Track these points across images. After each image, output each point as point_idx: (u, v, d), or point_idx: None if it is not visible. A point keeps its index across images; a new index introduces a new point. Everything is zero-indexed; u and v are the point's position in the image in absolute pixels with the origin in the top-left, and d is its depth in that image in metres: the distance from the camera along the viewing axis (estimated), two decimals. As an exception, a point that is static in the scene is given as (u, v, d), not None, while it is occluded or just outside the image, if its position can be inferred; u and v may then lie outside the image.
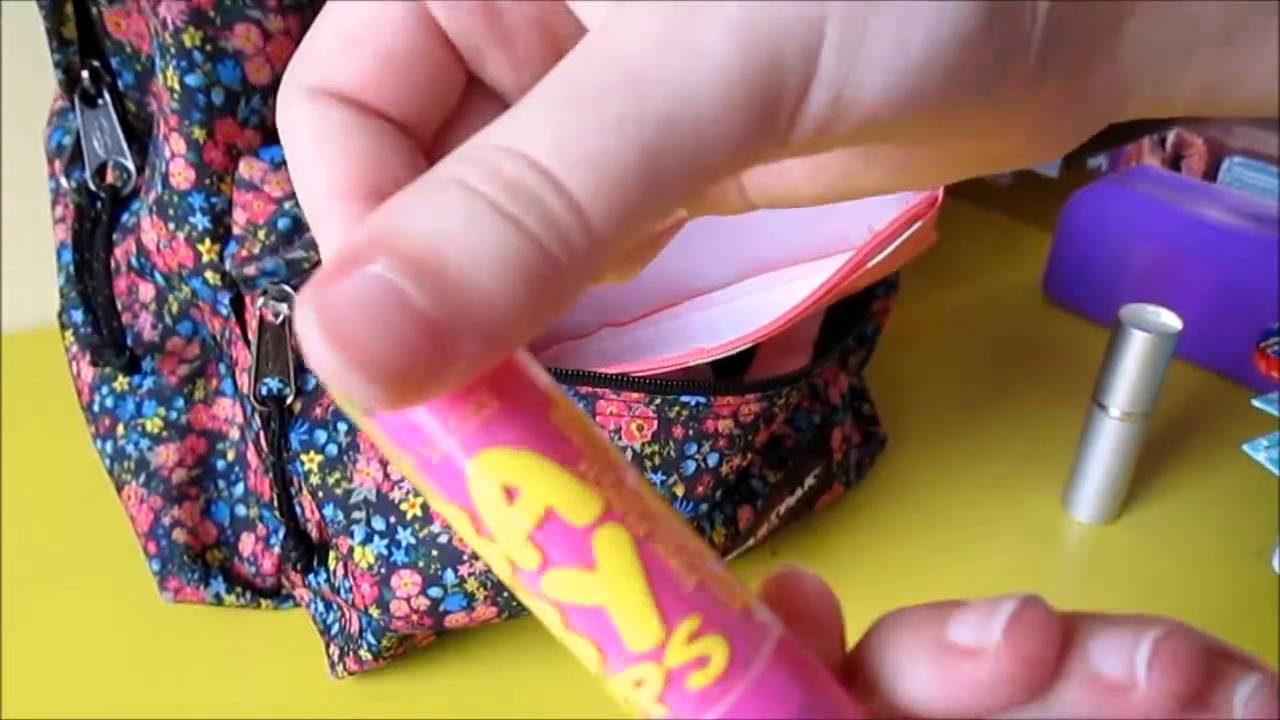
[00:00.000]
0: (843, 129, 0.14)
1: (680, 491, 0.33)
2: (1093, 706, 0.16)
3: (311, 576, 0.36)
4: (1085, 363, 0.58)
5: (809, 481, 0.41)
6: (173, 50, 0.31)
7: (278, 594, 0.39)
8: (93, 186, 0.36)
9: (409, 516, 0.33)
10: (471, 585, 0.33)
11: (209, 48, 0.31)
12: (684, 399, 0.31)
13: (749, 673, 0.15)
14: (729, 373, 0.41)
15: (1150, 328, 0.41)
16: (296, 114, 0.15)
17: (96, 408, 0.39)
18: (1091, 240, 0.61)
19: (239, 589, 0.39)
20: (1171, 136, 0.66)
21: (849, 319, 0.43)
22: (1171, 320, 0.42)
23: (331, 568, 0.35)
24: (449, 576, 0.33)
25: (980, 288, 0.66)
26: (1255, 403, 0.41)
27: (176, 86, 0.31)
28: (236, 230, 0.32)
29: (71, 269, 0.38)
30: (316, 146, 0.15)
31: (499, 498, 0.14)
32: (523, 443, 0.14)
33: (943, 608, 0.17)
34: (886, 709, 0.16)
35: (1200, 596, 0.42)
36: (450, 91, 0.16)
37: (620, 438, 0.32)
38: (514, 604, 0.34)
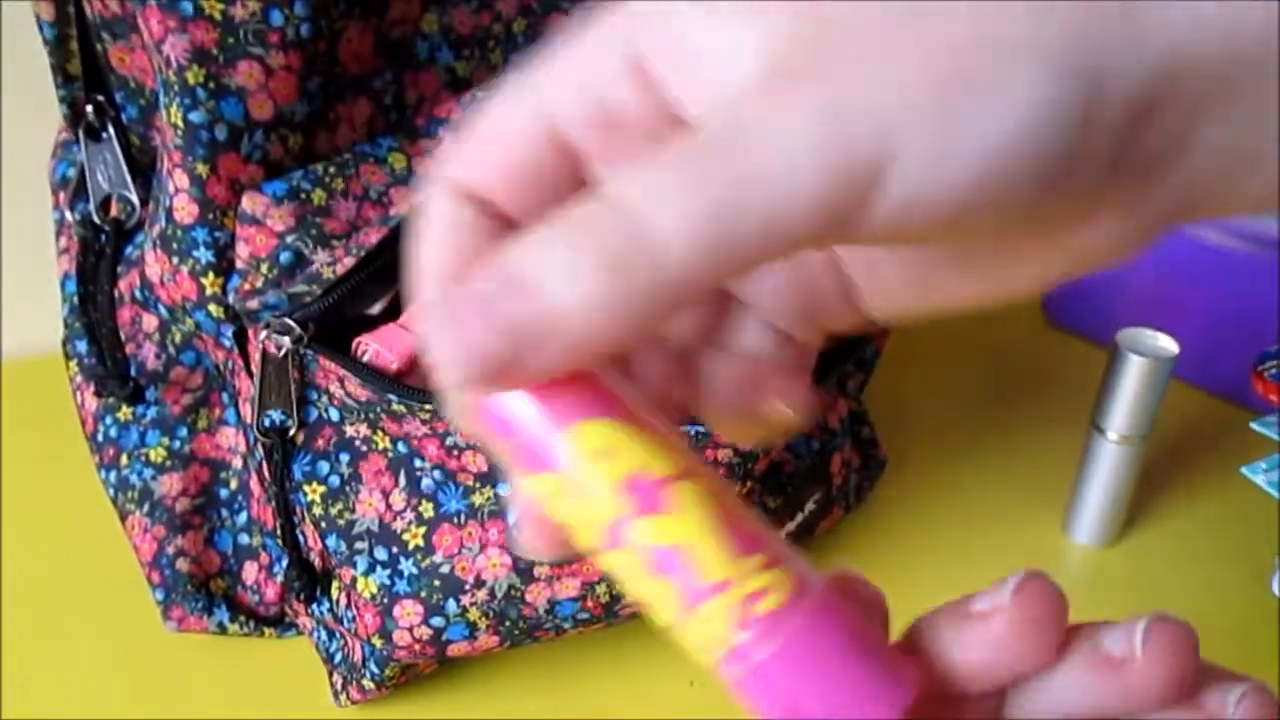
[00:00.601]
0: (911, 225, 0.15)
1: (680, 521, 0.33)
2: (1095, 682, 0.19)
3: (314, 606, 0.37)
4: (1085, 385, 0.58)
5: (809, 507, 0.41)
6: (176, 87, 0.31)
7: (281, 623, 0.39)
8: (97, 219, 0.37)
9: (411, 546, 0.34)
10: (473, 615, 0.34)
11: (212, 85, 0.31)
12: (684, 429, 0.32)
13: (811, 600, 0.17)
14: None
15: (1147, 351, 0.41)
16: (434, 205, 0.18)
17: (101, 438, 0.39)
18: (1090, 261, 0.61)
19: (242, 618, 0.39)
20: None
21: (848, 343, 0.43)
22: (1168, 344, 0.42)
23: (334, 597, 0.36)
24: (451, 606, 0.33)
25: (981, 309, 0.66)
26: (1254, 426, 0.41)
27: (180, 123, 0.31)
28: (239, 264, 0.32)
29: (76, 300, 0.39)
30: (441, 235, 0.18)
31: (591, 459, 0.16)
32: (611, 415, 0.17)
33: (968, 596, 0.20)
34: (925, 675, 0.19)
35: (1200, 619, 0.42)
36: (568, 190, 0.18)
37: None
38: (516, 633, 0.35)
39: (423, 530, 0.34)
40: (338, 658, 0.37)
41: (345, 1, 0.32)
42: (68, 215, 0.38)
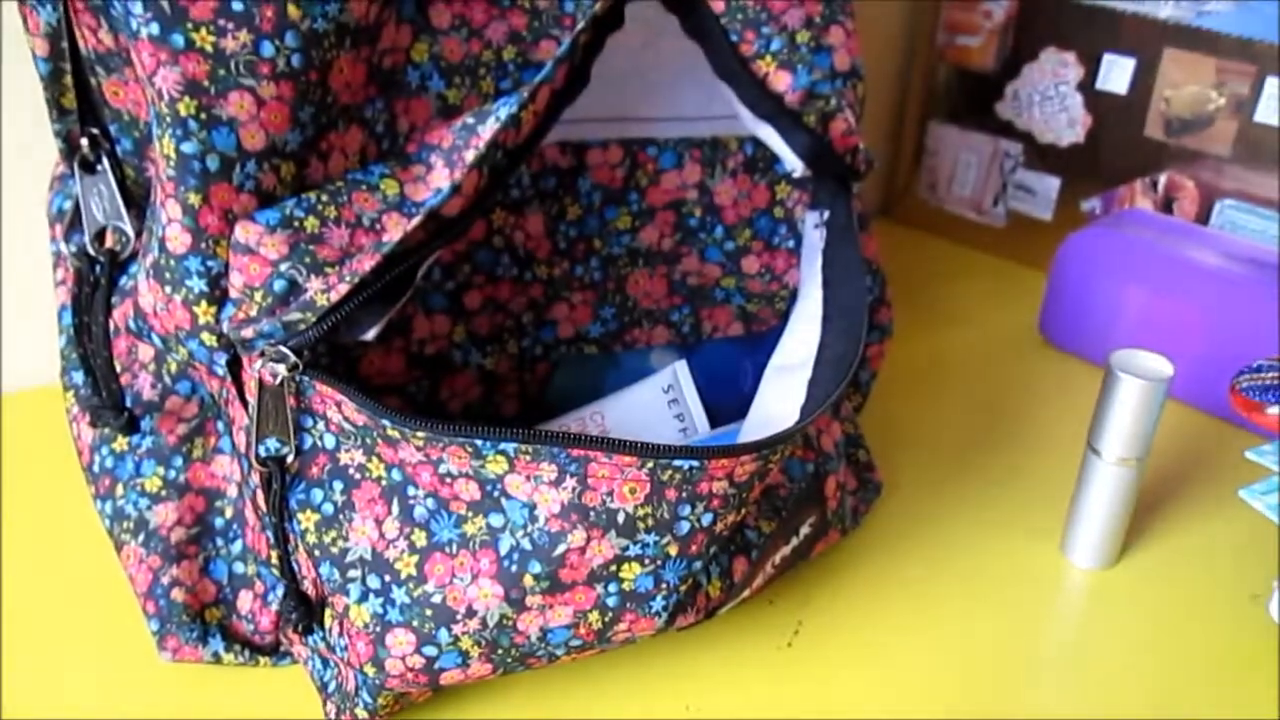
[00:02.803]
0: None
1: (674, 551, 0.33)
2: None
3: (309, 635, 0.36)
4: (1082, 405, 0.58)
5: (804, 530, 0.41)
6: (168, 119, 0.31)
7: (276, 651, 0.39)
8: (91, 251, 0.37)
9: (403, 575, 0.33)
10: (466, 643, 0.33)
11: (204, 116, 0.31)
12: (677, 463, 0.31)
13: None
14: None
15: (1142, 373, 0.41)
16: None
17: (96, 468, 0.39)
18: (1085, 284, 0.61)
19: (237, 647, 0.39)
20: (1164, 179, 0.66)
21: (843, 366, 0.43)
22: (1163, 365, 0.42)
23: (328, 626, 0.35)
24: (443, 635, 0.33)
25: (975, 330, 0.66)
26: (1249, 455, 0.41)
27: (172, 154, 0.31)
28: (233, 293, 0.33)
29: (72, 331, 0.39)
30: None
31: None
32: None
33: None
34: None
35: (1199, 642, 0.42)
36: None
37: (613, 499, 0.32)
38: (509, 661, 0.34)
39: (415, 559, 0.34)
40: (331, 686, 0.37)
41: (336, 32, 0.32)
42: (63, 247, 0.39)
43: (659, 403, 0.44)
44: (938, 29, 0.75)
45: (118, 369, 0.38)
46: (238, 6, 0.30)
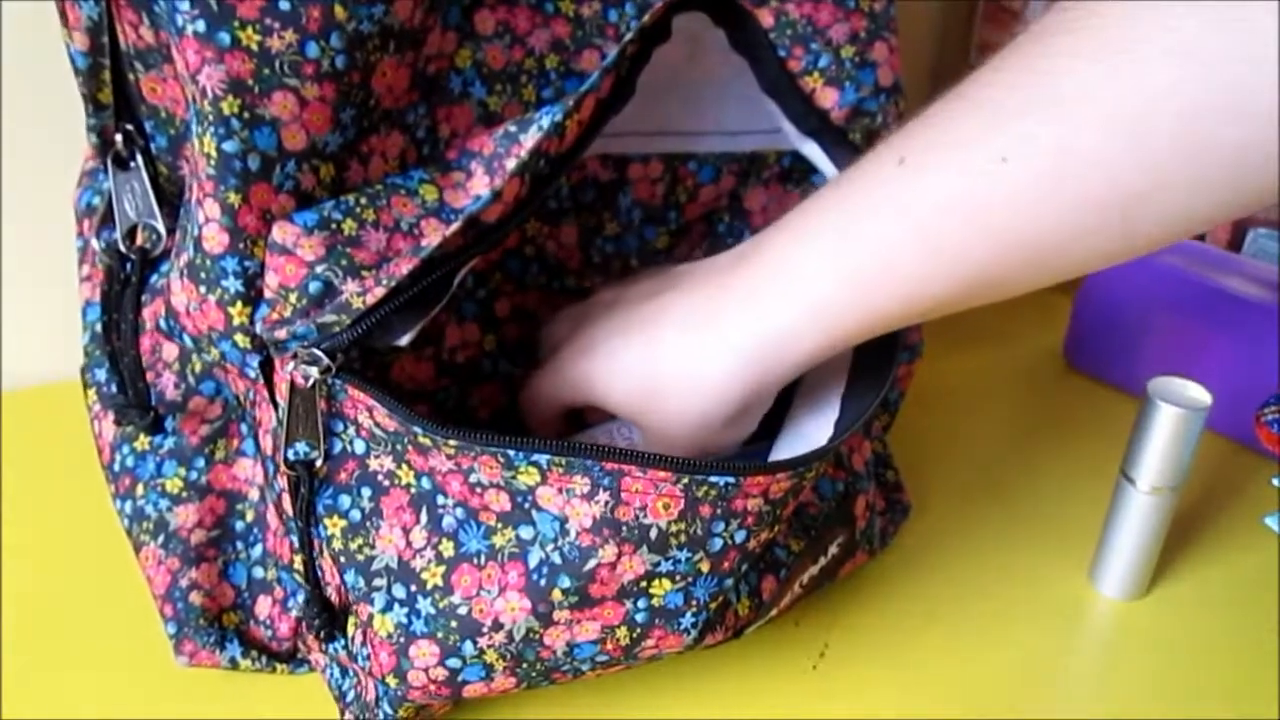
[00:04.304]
0: None
1: (706, 568, 0.33)
2: None
3: (329, 643, 0.36)
4: (1110, 430, 0.58)
5: (832, 550, 0.40)
6: (211, 117, 0.31)
7: (293, 659, 0.39)
8: (123, 248, 0.37)
9: (429, 585, 0.33)
10: (490, 656, 0.33)
11: (246, 115, 0.31)
12: (712, 479, 0.31)
13: None
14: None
15: (1179, 401, 0.41)
16: None
17: (117, 467, 0.39)
18: (1112, 309, 0.60)
19: (254, 653, 0.38)
20: (1193, 206, 0.66)
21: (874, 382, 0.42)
22: (1201, 394, 0.41)
23: (350, 634, 0.35)
24: (468, 648, 0.33)
25: (1002, 352, 0.66)
26: (1276, 482, 0.41)
27: (213, 152, 0.31)
28: (268, 294, 0.32)
29: (98, 328, 0.38)
30: None
31: None
32: None
33: None
34: None
35: (1231, 674, 0.41)
36: None
37: (646, 515, 0.31)
38: (533, 674, 0.34)
39: (442, 570, 0.33)
40: (350, 696, 0.36)
41: (381, 35, 0.32)
42: (93, 243, 0.38)
43: (687, 417, 0.43)
44: (970, 48, 0.75)
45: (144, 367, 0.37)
46: (284, 6, 0.30)
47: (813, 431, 0.38)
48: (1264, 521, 0.40)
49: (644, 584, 0.32)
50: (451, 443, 0.31)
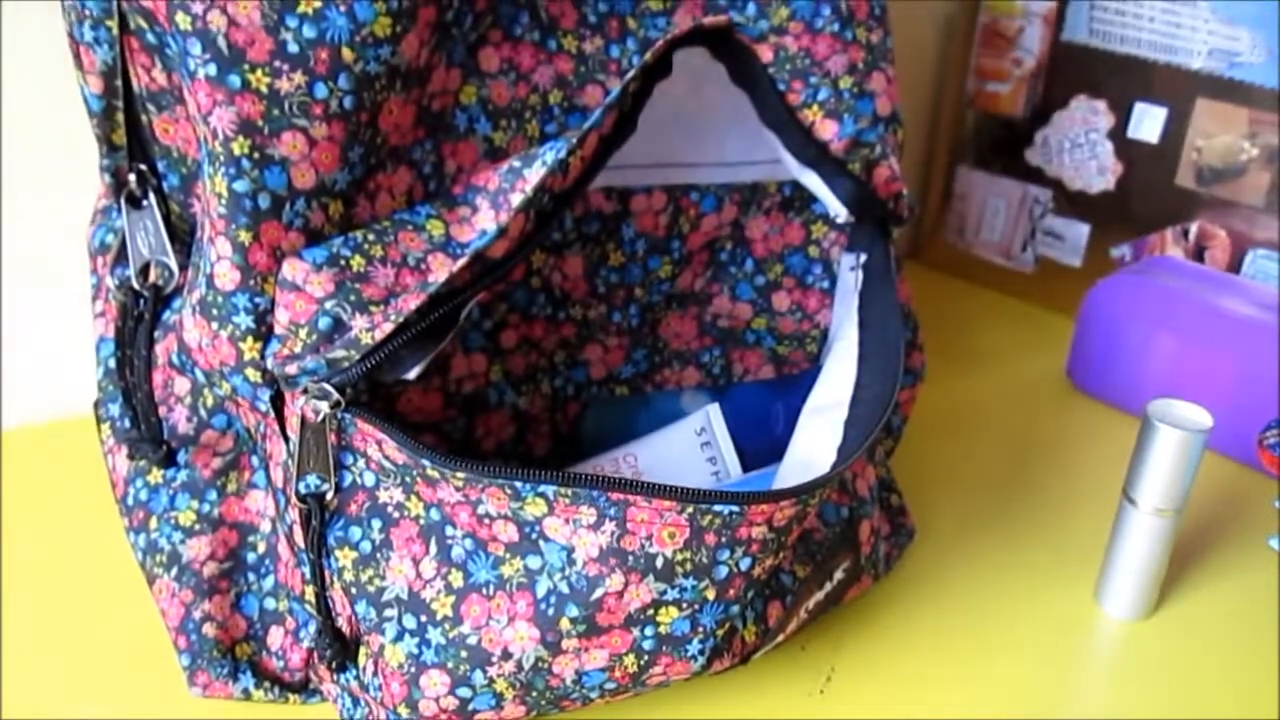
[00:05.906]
0: None
1: (712, 595, 0.33)
2: None
3: (341, 673, 0.36)
4: (1112, 452, 0.58)
5: (838, 575, 0.41)
6: (222, 158, 0.32)
7: (305, 689, 0.39)
8: (136, 285, 0.37)
9: (439, 616, 0.33)
10: (500, 685, 0.33)
11: (256, 155, 0.32)
12: (717, 508, 0.31)
13: None
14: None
15: (1180, 423, 0.41)
16: None
17: (130, 501, 0.39)
18: (1114, 331, 0.61)
19: (267, 684, 0.38)
20: (1195, 228, 0.66)
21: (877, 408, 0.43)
22: (1202, 416, 0.42)
23: (361, 665, 0.35)
24: (478, 677, 0.33)
25: (1005, 375, 0.66)
26: (1278, 505, 0.41)
27: (224, 192, 0.32)
28: (278, 330, 0.33)
29: (111, 363, 0.39)
30: None
31: None
32: None
33: None
34: None
35: (1237, 694, 0.41)
36: None
37: (652, 544, 0.32)
38: (542, 703, 0.34)
39: (451, 600, 0.33)
40: (362, 726, 0.37)
41: (388, 74, 0.32)
42: (106, 280, 0.39)
43: (692, 446, 0.44)
44: (967, 75, 0.76)
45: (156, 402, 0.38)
46: (293, 49, 0.31)
47: (816, 458, 0.38)
48: (1269, 543, 0.41)
49: (651, 612, 0.33)
50: (460, 474, 0.32)
